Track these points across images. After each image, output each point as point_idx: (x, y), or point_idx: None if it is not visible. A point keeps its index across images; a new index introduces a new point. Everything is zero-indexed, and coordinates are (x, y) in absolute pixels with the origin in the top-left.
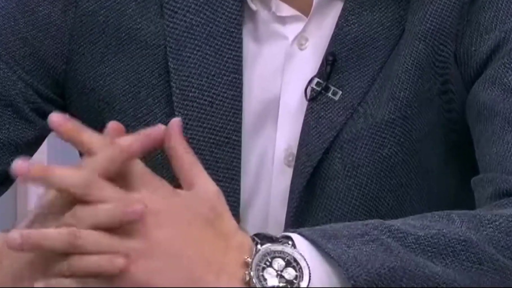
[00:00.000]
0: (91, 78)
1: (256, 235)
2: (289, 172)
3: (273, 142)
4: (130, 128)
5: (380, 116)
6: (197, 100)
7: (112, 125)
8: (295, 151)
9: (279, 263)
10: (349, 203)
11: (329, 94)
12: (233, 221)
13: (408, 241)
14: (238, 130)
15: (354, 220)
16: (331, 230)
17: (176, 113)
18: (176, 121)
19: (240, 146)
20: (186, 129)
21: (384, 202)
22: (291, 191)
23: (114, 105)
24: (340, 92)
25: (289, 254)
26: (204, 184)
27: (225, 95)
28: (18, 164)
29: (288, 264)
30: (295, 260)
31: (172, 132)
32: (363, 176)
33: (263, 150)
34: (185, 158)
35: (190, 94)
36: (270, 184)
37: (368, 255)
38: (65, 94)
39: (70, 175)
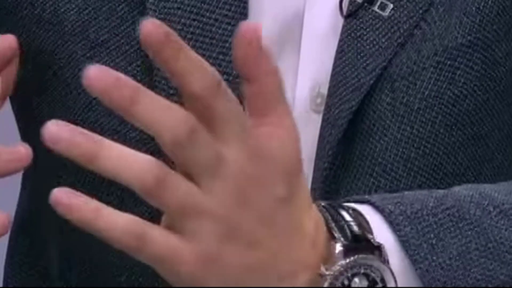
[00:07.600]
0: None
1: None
2: (317, 121)
3: (293, 79)
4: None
5: (448, 39)
6: (182, 21)
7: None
8: (325, 90)
9: (361, 282)
10: (403, 164)
11: (375, 8)
12: (308, 195)
13: None
14: None
15: (410, 189)
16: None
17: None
18: (253, 24)
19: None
20: None
21: (456, 162)
22: (320, 148)
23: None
24: (391, 5)
25: (376, 270)
26: (279, 130)
27: (222, 12)
28: None
29: (372, 283)
30: (382, 280)
31: (248, 37)
32: (425, 126)
33: None
34: (268, 81)
35: (171, 11)
36: None
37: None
38: None
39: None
